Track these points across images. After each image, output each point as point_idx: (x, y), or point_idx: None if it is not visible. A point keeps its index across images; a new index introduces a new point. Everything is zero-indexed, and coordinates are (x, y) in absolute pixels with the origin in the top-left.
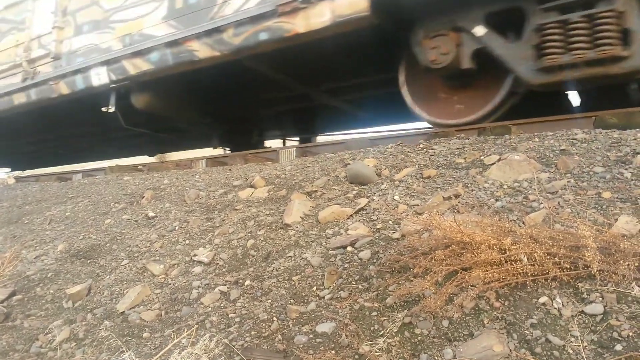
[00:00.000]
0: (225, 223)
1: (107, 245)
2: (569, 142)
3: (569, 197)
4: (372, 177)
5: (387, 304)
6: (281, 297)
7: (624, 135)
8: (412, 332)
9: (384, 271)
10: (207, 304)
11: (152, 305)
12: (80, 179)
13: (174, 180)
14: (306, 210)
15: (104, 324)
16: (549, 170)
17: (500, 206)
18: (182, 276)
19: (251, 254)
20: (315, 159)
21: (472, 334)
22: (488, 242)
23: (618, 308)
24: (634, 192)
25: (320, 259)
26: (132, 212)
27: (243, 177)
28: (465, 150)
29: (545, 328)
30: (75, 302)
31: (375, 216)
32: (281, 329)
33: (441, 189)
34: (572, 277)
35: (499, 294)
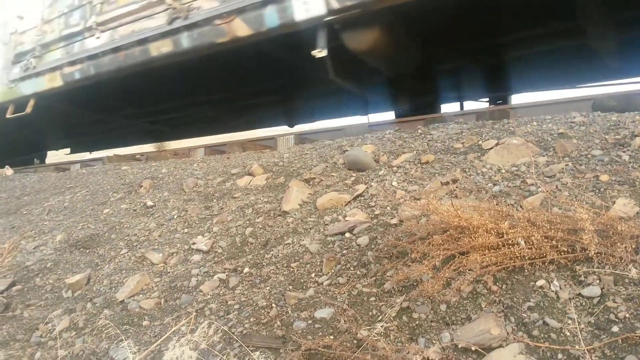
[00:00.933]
0: (223, 211)
1: (105, 235)
2: (567, 126)
3: (566, 181)
4: (370, 164)
5: (385, 289)
6: (280, 283)
7: (622, 118)
8: (410, 317)
9: (382, 257)
10: (206, 292)
11: (152, 294)
12: (79, 169)
13: (172, 169)
14: (304, 198)
15: (103, 312)
16: (547, 154)
17: (498, 190)
18: (181, 264)
19: (250, 241)
20: (313, 146)
21: (470, 318)
22: (485, 227)
23: (615, 290)
24: (632, 174)
25: (319, 245)
26: (130, 202)
27: (241, 165)
28: (463, 135)
29: (542, 311)
30: (74, 291)
31: (373, 202)
32: (280, 315)
33: (439, 174)
34: (569, 260)
35: (496, 278)
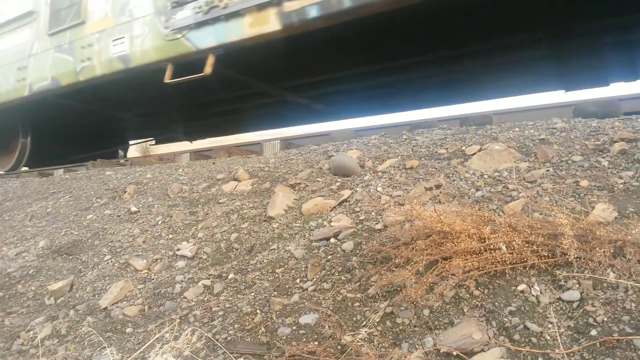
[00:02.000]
0: (208, 217)
1: (89, 241)
2: (548, 132)
3: (547, 186)
4: (356, 169)
5: (369, 295)
6: (265, 289)
7: (602, 124)
8: (394, 322)
9: (367, 262)
10: (190, 298)
11: (135, 301)
12: (62, 174)
13: (156, 174)
14: (290, 203)
15: (86, 320)
16: (528, 159)
17: (481, 196)
18: (165, 271)
19: (235, 247)
20: (299, 151)
21: (453, 322)
22: (468, 232)
23: (594, 294)
24: (611, 180)
25: (304, 251)
26: (114, 207)
27: (227, 171)
28: (447, 140)
29: (523, 315)
30: (57, 298)
31: (358, 207)
32: (264, 322)
33: (423, 179)
34: (550, 265)
35: (478, 283)
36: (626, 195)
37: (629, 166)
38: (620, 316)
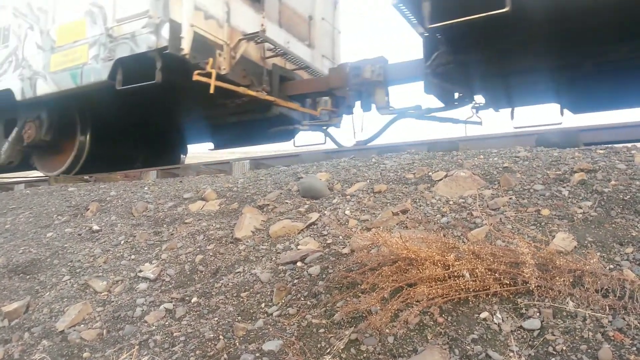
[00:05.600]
0: (173, 237)
1: (47, 260)
2: (512, 160)
3: (510, 214)
4: (324, 191)
5: (334, 321)
6: (228, 314)
7: (563, 154)
8: (358, 349)
9: (333, 287)
10: (151, 322)
11: (94, 324)
12: (23, 189)
13: (121, 192)
14: (257, 225)
15: (41, 343)
16: (492, 187)
17: (446, 222)
18: (126, 293)
19: (199, 269)
20: (268, 171)
21: (416, 350)
22: (433, 258)
23: (554, 323)
24: (571, 209)
25: (270, 274)
26: (75, 225)
27: (194, 190)
28: (415, 165)
29: (485, 343)
30: (11, 320)
31: (325, 231)
32: (227, 348)
33: (391, 204)
34: (511, 293)
35: (442, 310)
36: (585, 225)
37: (588, 196)
38: (578, 345)
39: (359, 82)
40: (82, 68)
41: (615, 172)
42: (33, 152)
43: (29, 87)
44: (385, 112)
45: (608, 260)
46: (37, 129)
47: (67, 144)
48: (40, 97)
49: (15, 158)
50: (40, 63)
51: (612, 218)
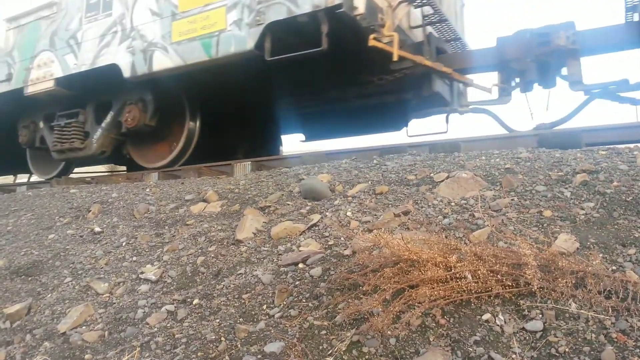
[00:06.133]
0: (175, 239)
1: (49, 262)
2: (513, 161)
3: (512, 215)
4: (326, 193)
5: (336, 322)
6: (230, 316)
7: (565, 155)
8: (360, 351)
9: (334, 289)
10: (152, 324)
11: (95, 326)
12: (25, 191)
13: (123, 193)
14: (259, 226)
15: (43, 345)
16: (494, 188)
17: (448, 223)
18: (127, 295)
19: (201, 271)
20: (269, 173)
21: (419, 352)
22: (434, 260)
23: (556, 324)
24: (573, 210)
25: (272, 276)
26: (77, 227)
27: (196, 191)
28: (417, 166)
29: (488, 345)
30: (13, 322)
31: (327, 232)
32: (229, 350)
33: (392, 205)
34: (514, 294)
35: (444, 311)
36: (587, 226)
37: (590, 197)
38: (581, 347)
39: (547, 51)
40: (218, 36)
41: (618, 173)
42: (128, 141)
43: (143, 61)
44: (580, 88)
45: (611, 261)
46: (141, 112)
47: (170, 131)
48: (156, 74)
49: (108, 147)
50: (158, 33)
51: (615, 219)
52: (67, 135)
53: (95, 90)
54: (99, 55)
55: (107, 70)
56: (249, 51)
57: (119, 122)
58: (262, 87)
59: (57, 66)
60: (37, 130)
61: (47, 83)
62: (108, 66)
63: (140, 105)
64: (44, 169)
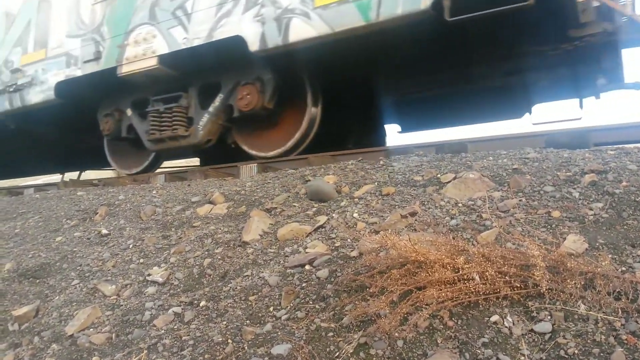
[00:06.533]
0: (182, 241)
1: (57, 264)
2: (521, 161)
3: (520, 216)
4: (332, 194)
5: (343, 324)
6: (237, 318)
7: (574, 155)
8: (368, 353)
9: (341, 290)
10: (159, 326)
11: (103, 328)
12: (32, 194)
13: (129, 195)
14: (265, 228)
15: (51, 347)
16: (502, 188)
17: (455, 224)
18: (134, 297)
19: (208, 273)
20: (276, 174)
21: (426, 354)
22: (442, 261)
23: (565, 326)
24: (581, 211)
25: (278, 278)
26: (84, 229)
27: (202, 193)
28: (423, 167)
29: (496, 347)
30: (21, 324)
31: (334, 234)
32: (236, 352)
33: (399, 206)
34: (522, 296)
35: (452, 313)
36: (596, 227)
37: (599, 198)
38: (590, 349)
39: None
40: None
41: (627, 173)
42: (234, 127)
43: (276, 31)
44: None
45: (620, 262)
46: (259, 94)
47: (285, 116)
48: (293, 45)
49: (214, 135)
50: None
51: (624, 220)
52: (167, 122)
53: (201, 70)
54: (216, 27)
55: (227, 44)
56: (423, 11)
57: (229, 105)
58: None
59: (161, 41)
60: (122, 119)
61: (147, 61)
62: (229, 39)
63: (258, 85)
64: (125, 162)
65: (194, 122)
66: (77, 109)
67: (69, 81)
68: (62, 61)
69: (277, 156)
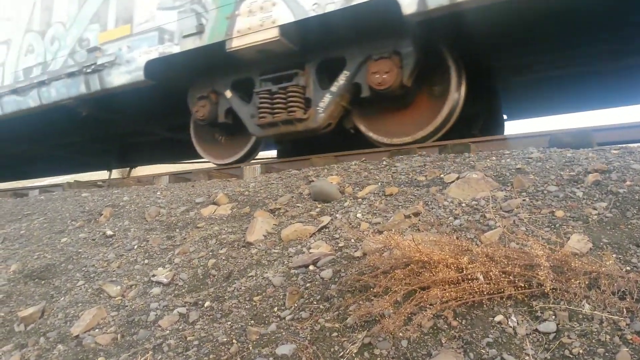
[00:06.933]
0: (186, 241)
1: (62, 265)
2: (524, 161)
3: (524, 216)
4: (336, 195)
5: (347, 324)
6: (241, 318)
7: (577, 155)
8: (372, 353)
9: (345, 290)
10: (164, 327)
11: (108, 328)
12: (37, 195)
13: (134, 197)
14: (269, 228)
15: (57, 348)
16: (505, 188)
17: (459, 224)
18: (139, 297)
19: (212, 273)
20: (279, 175)
21: (430, 354)
22: (446, 261)
23: (570, 326)
24: (585, 211)
25: (282, 278)
26: (89, 231)
27: (206, 194)
28: (426, 167)
29: (500, 347)
30: (27, 325)
31: (337, 234)
32: (240, 352)
33: (402, 206)
34: (526, 296)
35: (456, 313)
36: (600, 227)
37: (603, 197)
38: (595, 348)
39: None
40: None
41: (631, 172)
42: (354, 110)
43: None
44: None
45: (624, 262)
46: (398, 69)
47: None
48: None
49: (335, 119)
50: None
51: (628, 219)
52: (280, 103)
53: (323, 43)
54: None
55: (372, 8)
56: None
57: (355, 84)
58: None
59: (283, 9)
60: (219, 102)
61: (265, 33)
62: (377, 1)
63: (397, 58)
64: (215, 151)
65: (312, 104)
66: (165, 92)
67: (162, 59)
68: (154, 37)
69: (411, 143)
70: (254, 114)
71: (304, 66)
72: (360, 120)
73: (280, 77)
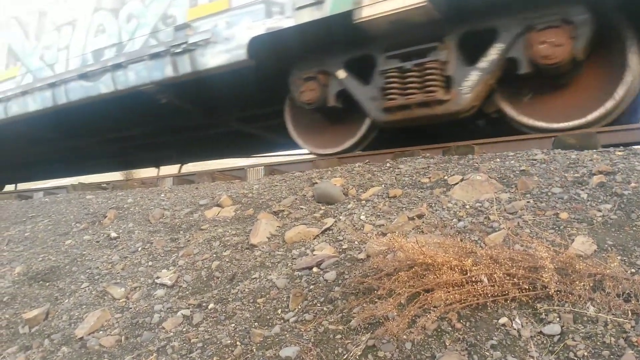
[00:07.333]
0: (190, 243)
1: (66, 267)
2: (528, 163)
3: (528, 218)
4: (339, 197)
5: (351, 327)
6: (245, 320)
7: (581, 156)
8: (376, 355)
9: (349, 293)
10: (168, 329)
11: (112, 331)
12: (42, 198)
13: (138, 199)
14: (273, 230)
15: (61, 350)
16: (509, 190)
17: (463, 226)
18: (143, 300)
19: (216, 275)
20: (283, 177)
21: (435, 356)
22: (450, 263)
23: (574, 328)
24: (590, 212)
25: (286, 280)
26: (93, 233)
27: (210, 196)
28: (430, 169)
29: (505, 349)
30: (32, 327)
31: (341, 236)
32: (244, 354)
33: (406, 208)
34: (530, 298)
35: (460, 315)
36: (605, 229)
37: (607, 199)
38: (600, 351)
39: None
40: None
41: (635, 174)
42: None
43: None
44: None
45: (629, 264)
46: (570, 40)
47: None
48: None
49: (480, 101)
50: None
51: (633, 221)
52: (415, 83)
53: (470, 12)
54: None
55: None
56: None
57: (509, 59)
58: None
59: None
60: (329, 84)
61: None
62: None
63: (569, 29)
64: (316, 140)
65: (453, 83)
66: (261, 74)
67: (270, 35)
68: (260, 10)
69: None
70: (376, 96)
71: (443, 39)
72: (508, 102)
73: (410, 52)
